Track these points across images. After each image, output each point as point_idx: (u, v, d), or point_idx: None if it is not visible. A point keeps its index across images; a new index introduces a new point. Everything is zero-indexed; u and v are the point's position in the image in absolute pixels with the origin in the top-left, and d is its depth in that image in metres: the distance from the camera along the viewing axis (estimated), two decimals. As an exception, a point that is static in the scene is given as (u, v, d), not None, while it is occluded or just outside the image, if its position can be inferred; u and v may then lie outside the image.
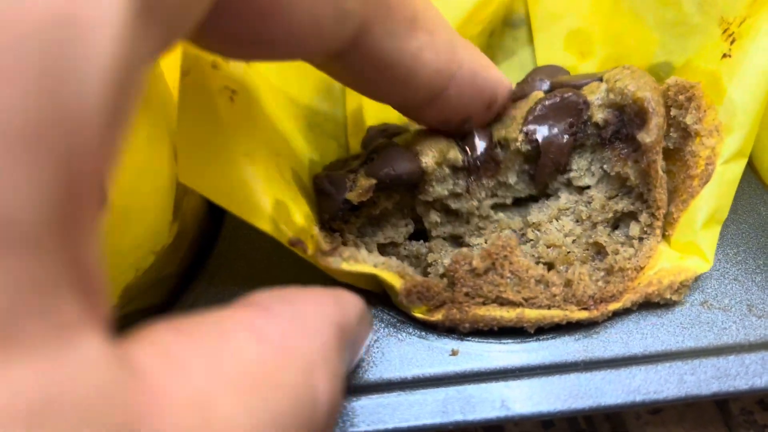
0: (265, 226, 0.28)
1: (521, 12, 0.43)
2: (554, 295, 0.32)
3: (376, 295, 0.34)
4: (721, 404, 0.40)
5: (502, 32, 0.43)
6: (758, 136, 0.36)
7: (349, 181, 0.33)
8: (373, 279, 0.32)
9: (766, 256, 0.35)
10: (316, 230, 0.31)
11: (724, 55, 0.33)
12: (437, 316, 0.32)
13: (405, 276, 0.32)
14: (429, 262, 0.35)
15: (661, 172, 0.33)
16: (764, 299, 0.33)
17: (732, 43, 0.33)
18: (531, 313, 0.32)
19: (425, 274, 0.35)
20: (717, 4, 0.34)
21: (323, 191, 0.33)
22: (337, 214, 0.33)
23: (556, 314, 0.32)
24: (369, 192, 0.32)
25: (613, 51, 0.40)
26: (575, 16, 0.41)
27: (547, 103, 0.34)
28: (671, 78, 0.35)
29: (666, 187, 0.34)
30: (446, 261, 0.34)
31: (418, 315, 0.32)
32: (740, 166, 0.32)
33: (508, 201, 0.36)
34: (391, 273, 0.32)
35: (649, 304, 0.33)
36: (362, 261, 0.31)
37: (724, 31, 0.34)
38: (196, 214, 0.37)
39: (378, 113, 0.41)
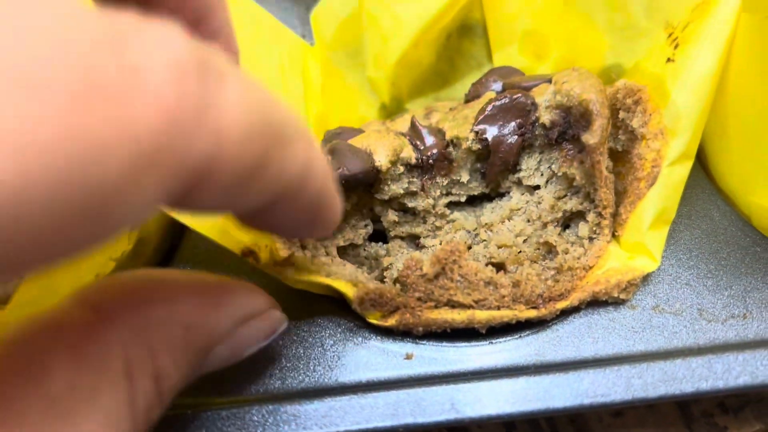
0: (216, 236, 0.29)
1: (478, 16, 0.44)
2: (503, 296, 0.33)
3: (333, 300, 0.35)
4: (683, 407, 0.40)
5: (460, 35, 0.44)
6: (712, 141, 0.37)
7: None
8: (329, 286, 0.33)
9: (718, 261, 0.35)
10: (271, 240, 0.31)
11: (669, 60, 0.34)
12: (391, 321, 0.33)
13: (358, 284, 0.32)
14: (385, 265, 0.35)
15: (606, 173, 0.34)
16: (715, 303, 0.34)
17: (675, 47, 0.34)
18: (481, 315, 0.32)
19: (382, 277, 0.35)
20: (662, 8, 0.36)
21: None
22: None
23: (505, 314, 0.32)
24: None
25: (567, 53, 0.41)
26: (529, 18, 0.42)
27: (497, 103, 0.35)
28: (620, 81, 0.36)
29: (613, 188, 0.35)
30: (401, 265, 0.35)
31: (373, 321, 0.33)
32: (686, 167, 0.33)
33: (463, 199, 0.37)
34: (343, 282, 0.32)
35: (601, 306, 0.34)
36: (315, 272, 0.32)
37: (669, 35, 0.35)
38: (159, 221, 0.38)
39: (341, 116, 0.42)
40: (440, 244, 0.36)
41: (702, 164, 0.39)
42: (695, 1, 0.34)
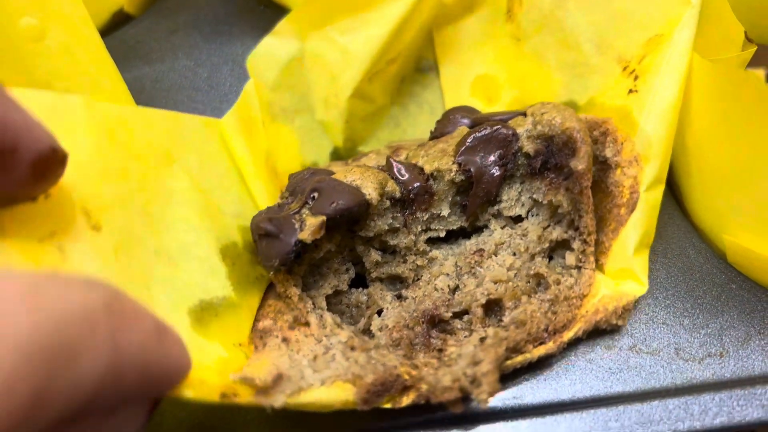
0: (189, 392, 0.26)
1: (430, 59, 0.44)
2: (518, 344, 0.32)
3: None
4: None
5: (413, 78, 0.44)
6: (685, 179, 0.37)
7: (296, 222, 0.32)
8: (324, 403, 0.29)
9: (694, 299, 0.36)
10: (234, 377, 0.28)
11: (631, 91, 0.36)
12: (404, 401, 0.30)
13: (356, 380, 0.29)
14: (369, 315, 0.35)
15: (591, 199, 0.34)
16: (692, 342, 0.34)
17: (636, 79, 0.36)
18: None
19: (368, 327, 0.34)
20: (613, 45, 0.37)
21: (269, 234, 0.32)
22: (288, 258, 0.31)
23: (516, 360, 0.32)
24: (321, 230, 0.31)
25: (519, 94, 0.42)
26: (481, 62, 0.43)
27: (477, 135, 0.35)
28: (581, 115, 0.37)
29: (593, 216, 0.35)
30: (389, 321, 0.34)
31: (386, 406, 0.30)
32: (659, 191, 0.35)
33: (442, 234, 0.36)
34: (341, 384, 0.29)
35: (578, 347, 0.34)
36: (308, 387, 0.29)
37: (624, 68, 0.37)
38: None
39: (290, 163, 0.41)
40: (422, 294, 0.35)
41: (677, 201, 0.39)
42: (647, 35, 0.36)
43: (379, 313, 0.35)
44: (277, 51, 0.40)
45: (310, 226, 0.31)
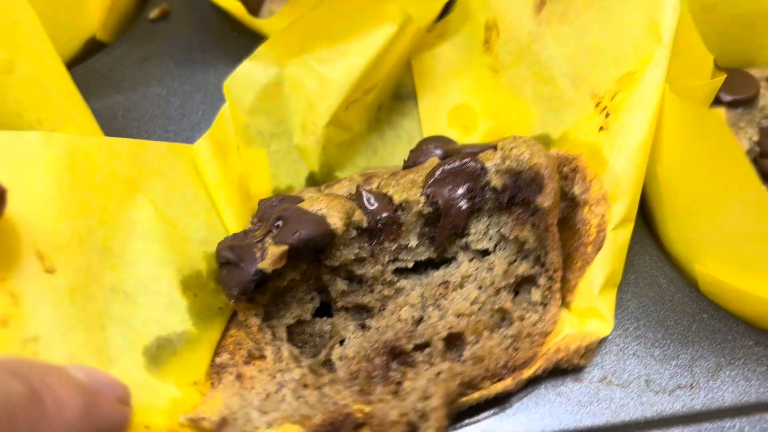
0: None
1: (408, 87, 0.44)
2: (474, 380, 0.32)
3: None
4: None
5: (390, 106, 0.44)
6: (657, 208, 0.37)
7: (258, 251, 0.32)
8: None
9: (665, 329, 0.35)
10: (184, 419, 0.28)
11: (601, 128, 0.35)
12: None
13: (305, 421, 0.29)
14: (331, 345, 0.35)
15: (557, 236, 0.34)
16: (662, 374, 0.34)
17: (607, 116, 0.35)
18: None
19: (329, 358, 0.34)
20: (588, 80, 0.37)
21: (229, 263, 0.32)
22: (248, 288, 0.31)
23: (474, 397, 0.31)
24: (282, 260, 0.31)
25: (495, 125, 0.42)
26: (458, 92, 0.43)
27: (446, 167, 0.35)
28: (553, 150, 0.37)
29: (560, 252, 0.35)
30: (349, 351, 0.34)
31: None
32: (628, 230, 0.35)
33: (410, 265, 0.36)
34: (289, 426, 0.29)
35: (548, 380, 0.34)
36: (252, 430, 0.29)
37: (597, 104, 0.37)
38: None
39: (265, 187, 0.41)
40: (385, 325, 0.35)
41: (650, 230, 0.39)
42: (620, 72, 0.35)
43: (342, 342, 0.35)
44: (256, 75, 0.40)
45: (271, 255, 0.31)
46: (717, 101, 0.43)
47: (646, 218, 0.40)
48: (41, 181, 0.29)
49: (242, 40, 0.48)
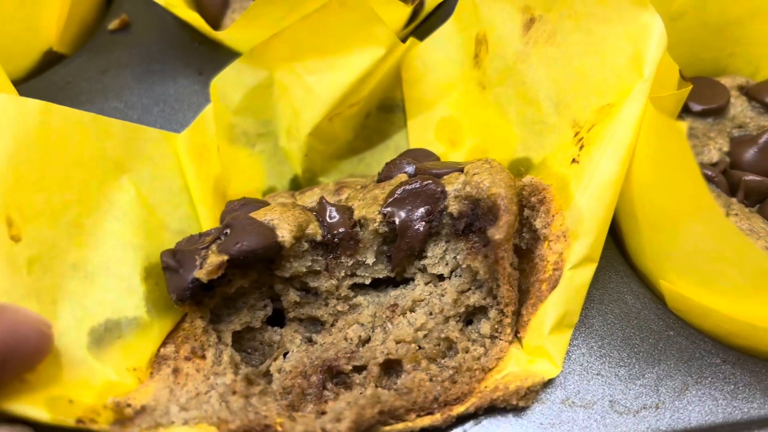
0: (45, 410, 0.27)
1: (397, 97, 0.43)
2: (396, 411, 0.31)
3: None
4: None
5: (378, 115, 0.44)
6: (625, 222, 0.36)
7: (199, 258, 0.31)
8: None
9: (631, 347, 0.34)
10: (112, 401, 0.29)
11: (574, 160, 0.34)
12: None
13: (220, 425, 0.29)
14: (276, 356, 0.34)
15: (510, 269, 0.33)
16: (627, 394, 0.33)
17: (581, 148, 0.34)
18: None
19: (268, 372, 0.34)
20: (570, 106, 0.35)
21: (169, 268, 0.32)
22: (185, 295, 0.31)
23: (398, 428, 0.30)
24: (220, 270, 0.31)
25: (480, 142, 0.40)
26: (446, 105, 0.42)
27: (407, 187, 0.34)
28: (527, 177, 0.35)
29: (516, 285, 0.34)
30: (288, 365, 0.33)
31: None
32: (590, 270, 0.33)
33: (367, 281, 0.35)
34: (203, 427, 0.29)
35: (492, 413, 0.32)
36: (168, 424, 0.29)
37: (576, 134, 0.35)
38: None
39: (247, 186, 0.41)
40: (330, 342, 0.34)
41: (617, 245, 0.38)
42: (601, 103, 0.34)
43: (286, 355, 0.34)
44: (245, 75, 0.40)
45: (209, 265, 0.31)
46: (687, 111, 0.42)
47: (614, 233, 0.39)
48: (17, 149, 0.30)
49: (204, 52, 0.47)
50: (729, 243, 0.28)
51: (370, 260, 0.35)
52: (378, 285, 0.37)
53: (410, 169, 0.37)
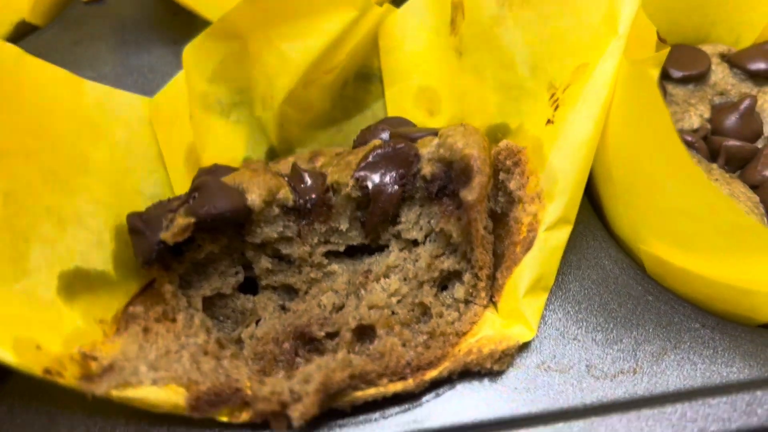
0: (12, 356, 0.27)
1: (375, 66, 0.42)
2: (367, 375, 0.30)
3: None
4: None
5: (355, 84, 0.43)
6: (603, 187, 0.36)
7: (165, 221, 0.31)
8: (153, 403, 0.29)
9: (608, 312, 0.34)
10: (78, 351, 0.29)
11: (549, 121, 0.33)
12: (245, 417, 0.29)
13: (190, 386, 0.29)
14: (248, 323, 0.33)
15: (483, 233, 0.32)
16: (604, 358, 0.32)
17: (556, 109, 0.33)
18: (344, 398, 0.30)
19: (240, 339, 0.33)
20: (547, 70, 0.35)
21: (135, 230, 0.31)
22: (151, 257, 0.31)
23: (368, 393, 0.30)
24: (186, 232, 0.30)
25: (458, 110, 0.40)
26: (424, 73, 0.41)
27: (379, 151, 0.33)
28: (503, 141, 0.35)
29: (491, 249, 0.33)
30: (260, 332, 0.32)
31: (223, 419, 0.29)
32: (565, 232, 0.32)
33: (341, 249, 0.35)
34: (172, 388, 0.29)
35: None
36: (137, 383, 0.28)
37: (552, 96, 0.34)
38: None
39: (222, 155, 0.40)
40: (303, 309, 0.33)
41: (595, 209, 0.37)
42: (576, 63, 0.33)
43: (258, 322, 0.34)
44: (218, 43, 0.39)
45: (175, 227, 0.30)
46: (667, 77, 0.41)
47: (591, 199, 0.38)
48: None
49: (178, 22, 0.46)
50: (705, 200, 0.27)
51: (344, 226, 0.34)
52: (353, 254, 0.36)
53: (385, 135, 0.37)
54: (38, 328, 0.28)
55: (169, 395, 0.28)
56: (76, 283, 0.31)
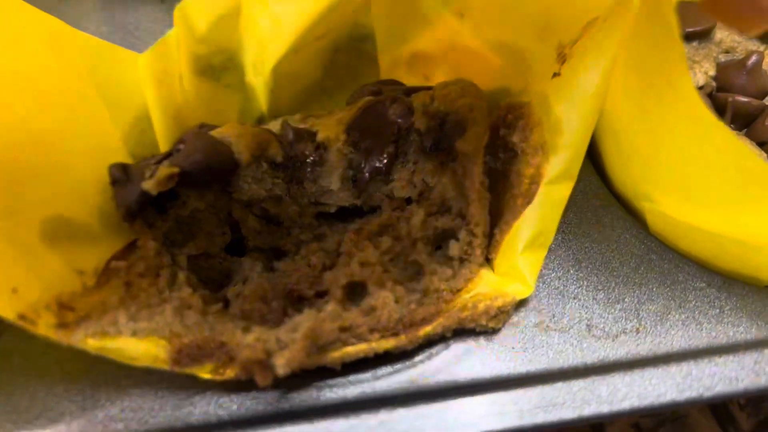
0: None
1: (368, 28, 0.41)
2: (358, 329, 0.29)
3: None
4: (597, 428, 0.37)
5: (348, 49, 0.41)
6: (604, 142, 0.34)
7: (149, 171, 0.29)
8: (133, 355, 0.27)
9: (610, 271, 0.32)
10: (55, 300, 0.27)
11: (555, 74, 0.31)
12: (229, 373, 0.28)
13: (172, 339, 0.27)
14: (234, 284, 0.32)
15: (479, 187, 0.31)
16: (605, 318, 0.31)
17: (563, 62, 0.31)
18: (334, 353, 0.28)
19: (225, 296, 0.32)
20: (557, 31, 0.33)
21: (117, 181, 0.30)
22: (132, 209, 0.29)
23: (360, 349, 0.28)
24: (170, 182, 0.29)
25: (456, 74, 0.38)
26: (420, 37, 0.39)
27: (372, 106, 0.32)
28: (505, 101, 0.33)
29: (487, 206, 0.32)
30: (246, 290, 0.31)
31: (206, 376, 0.28)
32: (567, 188, 0.31)
33: (332, 210, 0.33)
34: (155, 340, 0.27)
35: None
36: (116, 334, 0.27)
37: (560, 54, 0.32)
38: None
39: (211, 119, 0.38)
40: (293, 269, 0.32)
41: (596, 167, 0.36)
42: (587, 18, 0.31)
43: (245, 282, 0.32)
44: (211, 2, 0.37)
45: (158, 175, 0.29)
46: (672, 35, 0.40)
47: (592, 158, 0.37)
48: None
49: (168, -21, 0.44)
50: (717, 144, 0.26)
51: (335, 185, 0.33)
52: (345, 218, 0.34)
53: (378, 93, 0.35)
54: (17, 271, 0.27)
55: (149, 347, 0.27)
56: (59, 231, 0.30)
